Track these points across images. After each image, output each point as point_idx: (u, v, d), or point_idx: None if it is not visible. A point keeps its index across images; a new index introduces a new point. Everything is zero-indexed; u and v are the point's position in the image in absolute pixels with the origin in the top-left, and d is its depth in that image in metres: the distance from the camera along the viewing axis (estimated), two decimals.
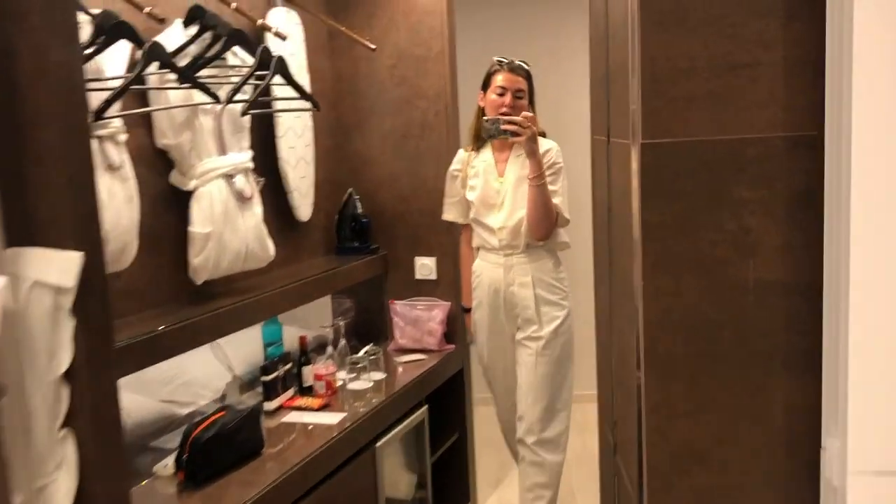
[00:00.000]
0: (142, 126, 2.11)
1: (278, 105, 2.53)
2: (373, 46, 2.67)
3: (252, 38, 2.27)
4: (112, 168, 1.83)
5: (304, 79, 2.71)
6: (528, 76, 2.69)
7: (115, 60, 1.88)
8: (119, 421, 1.23)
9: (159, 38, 2.09)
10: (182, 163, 2.17)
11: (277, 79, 2.30)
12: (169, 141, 2.12)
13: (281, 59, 2.19)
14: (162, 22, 1.78)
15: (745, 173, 1.35)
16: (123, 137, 1.89)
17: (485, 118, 2.57)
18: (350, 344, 2.90)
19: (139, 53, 1.85)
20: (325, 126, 2.97)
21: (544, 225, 2.61)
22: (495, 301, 2.75)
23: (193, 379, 2.55)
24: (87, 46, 1.74)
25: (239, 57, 2.31)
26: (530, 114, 2.53)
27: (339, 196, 3.01)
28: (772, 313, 1.38)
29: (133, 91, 2.04)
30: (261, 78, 2.24)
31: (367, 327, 3.10)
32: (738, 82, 1.34)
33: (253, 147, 2.37)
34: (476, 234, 2.80)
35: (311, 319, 3.03)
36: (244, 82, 2.08)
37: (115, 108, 1.81)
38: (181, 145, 2.14)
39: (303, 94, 2.30)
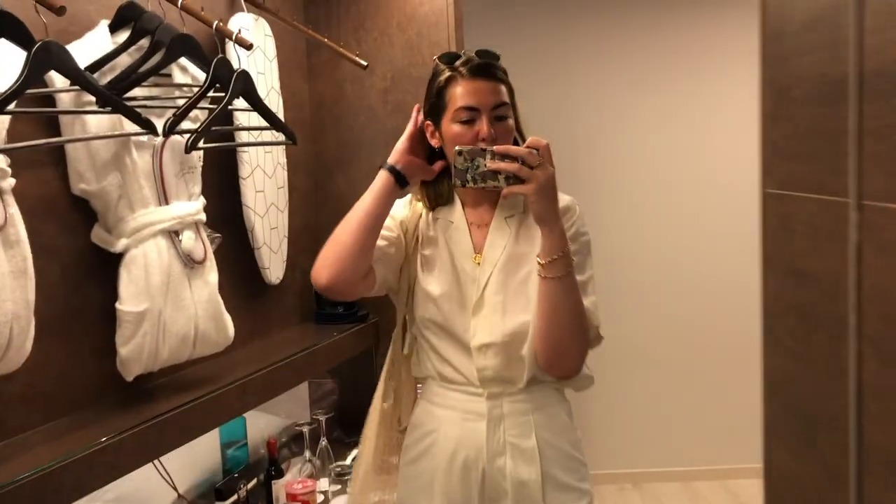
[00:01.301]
0: (50, 165, 1.52)
1: (242, 138, 1.95)
2: (364, 63, 2.11)
3: (205, 48, 1.69)
4: None
5: (275, 104, 2.14)
6: (505, 77, 1.51)
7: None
8: None
9: (76, 45, 1.52)
10: (107, 215, 1.58)
11: (240, 102, 1.73)
12: (89, 186, 1.54)
13: (244, 76, 1.61)
14: (61, 11, 1.21)
15: None
16: (9, 183, 1.30)
17: (457, 149, 1.38)
18: (333, 437, 2.30)
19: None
20: (301, 163, 2.39)
21: (574, 349, 1.48)
22: (464, 486, 1.54)
23: (125, 496, 1.93)
24: None
25: (189, 73, 1.74)
26: (543, 141, 1.37)
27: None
28: None
29: (35, 116, 1.46)
30: (217, 101, 1.67)
31: (356, 415, 2.47)
32: None
33: (208, 192, 1.78)
34: (426, 350, 1.60)
35: (284, 403, 2.42)
36: (191, 106, 1.49)
37: None
38: (106, 192, 1.55)
39: (274, 123, 1.72)
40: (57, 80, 1.45)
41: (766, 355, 1.49)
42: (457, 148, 1.38)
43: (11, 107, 1.29)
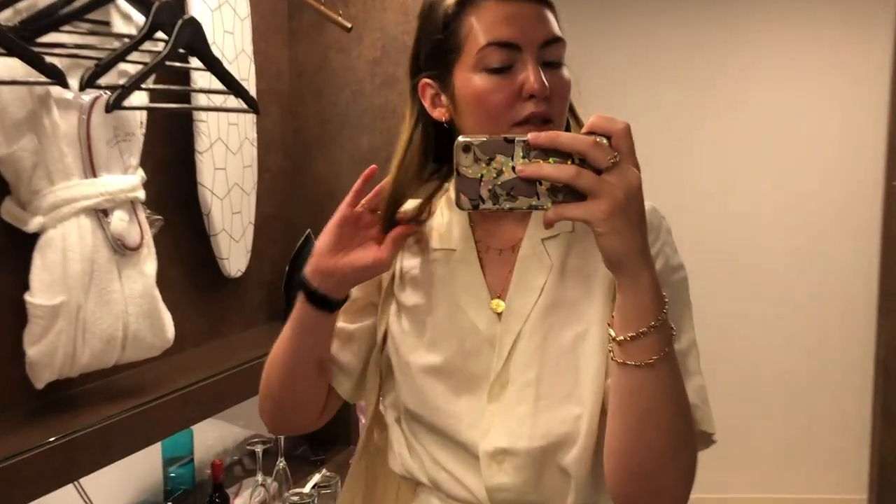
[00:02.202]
0: None
1: (200, 103, 1.66)
2: (348, 25, 1.81)
3: None
4: None
5: (246, 70, 1.85)
6: (554, 6, 0.97)
7: None
8: None
9: None
10: (20, 187, 1.30)
11: (195, 61, 1.44)
12: None
13: (193, 23, 1.32)
14: None
15: None
16: None
17: (460, 140, 0.78)
18: (296, 454, 2.02)
19: None
20: (276, 140, 2.10)
21: (672, 474, 0.86)
22: None
23: None
24: None
25: (134, 23, 1.44)
26: (619, 121, 0.77)
27: (291, 240, 2.12)
28: None
29: None
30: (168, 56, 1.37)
31: (325, 429, 2.18)
32: None
33: (156, 167, 1.50)
34: (412, 447, 1.07)
35: (241, 411, 2.12)
36: (119, 56, 1.20)
37: None
38: (17, 158, 1.27)
39: (232, 87, 1.43)
40: None
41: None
42: (461, 139, 0.77)
43: None
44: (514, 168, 0.76)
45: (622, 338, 0.81)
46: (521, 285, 0.98)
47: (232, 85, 1.41)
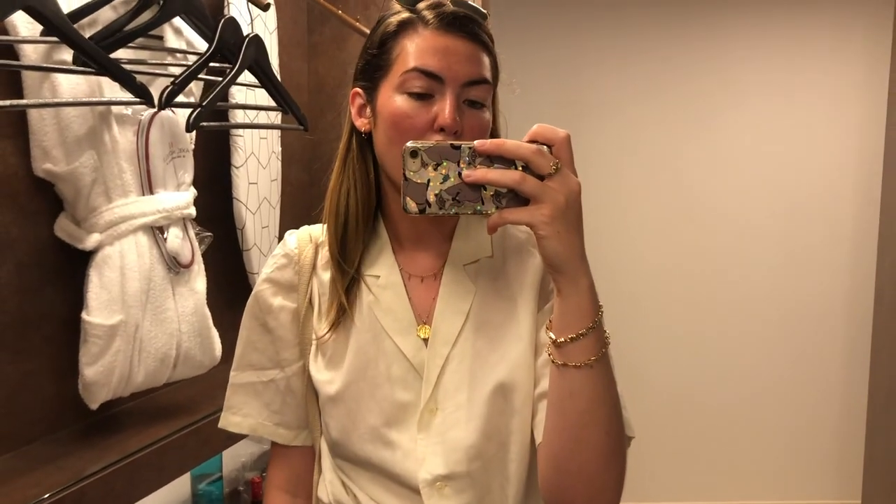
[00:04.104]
0: (7, 138, 1.21)
1: (236, 119, 1.65)
2: None
3: (206, 8, 1.39)
4: None
5: None
6: (492, 45, 0.99)
7: None
8: None
9: None
10: (77, 204, 1.27)
11: (245, 76, 1.43)
12: (56, 167, 1.23)
13: (258, 42, 1.31)
14: None
15: None
16: None
17: (409, 146, 0.80)
18: None
19: None
20: (296, 153, 2.09)
21: (611, 476, 0.87)
22: None
23: None
24: None
25: (184, 37, 1.43)
26: (560, 131, 0.80)
27: None
28: None
29: None
30: (216, 72, 1.37)
31: None
32: None
33: (197, 182, 1.48)
34: (345, 485, 1.06)
35: None
36: (194, 73, 1.19)
37: None
38: (77, 175, 1.24)
39: (286, 105, 1.43)
40: (21, 27, 1.14)
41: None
42: (408, 144, 0.79)
43: None
44: (460, 174, 0.79)
45: (562, 339, 0.83)
46: (447, 310, 1.00)
47: (286, 101, 1.40)
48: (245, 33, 1.30)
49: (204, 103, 1.20)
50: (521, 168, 0.78)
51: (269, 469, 1.18)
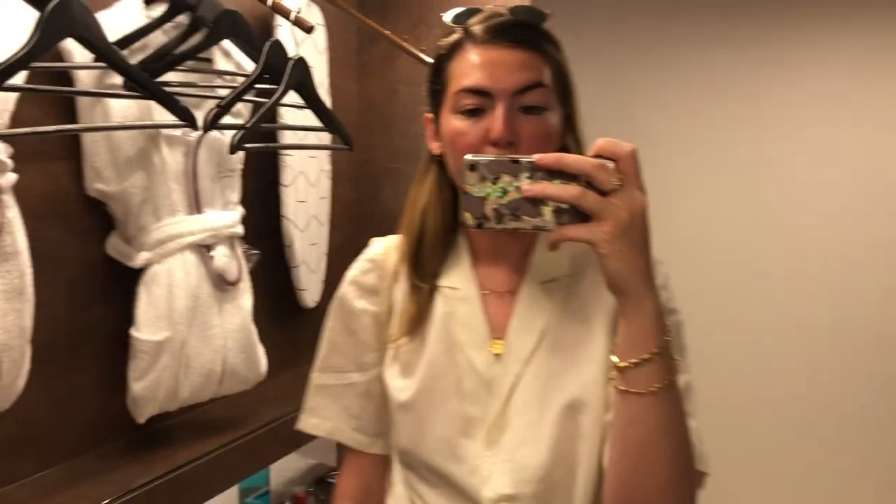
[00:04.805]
0: (62, 159, 1.26)
1: (285, 139, 1.68)
2: (430, 60, 1.83)
3: (254, 31, 1.42)
4: None
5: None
6: (550, 47, 0.96)
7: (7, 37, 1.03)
8: None
9: (102, 16, 1.25)
10: (128, 223, 1.31)
11: (288, 96, 1.46)
12: (107, 187, 1.27)
13: (302, 64, 1.33)
14: None
15: None
16: (8, 180, 1.03)
17: (467, 159, 0.79)
18: None
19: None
20: (345, 171, 2.12)
21: (672, 502, 0.83)
22: None
23: None
24: None
25: (233, 60, 1.47)
26: (625, 145, 0.77)
27: None
28: None
29: (48, 100, 1.19)
30: (264, 94, 1.39)
31: None
32: None
33: (246, 201, 1.51)
34: (399, 490, 1.08)
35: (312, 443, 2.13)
36: (239, 96, 1.22)
37: None
38: (127, 195, 1.28)
39: (331, 125, 1.45)
40: (76, 54, 1.18)
41: None
42: (467, 157, 0.78)
43: (17, 82, 1.03)
44: (518, 188, 0.77)
45: (625, 364, 0.80)
46: (521, 328, 0.99)
47: (331, 122, 1.42)
48: (290, 55, 1.32)
49: (247, 125, 1.23)
50: (584, 184, 0.76)
51: (339, 477, 1.16)
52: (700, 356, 1.07)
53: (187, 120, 1.09)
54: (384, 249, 1.11)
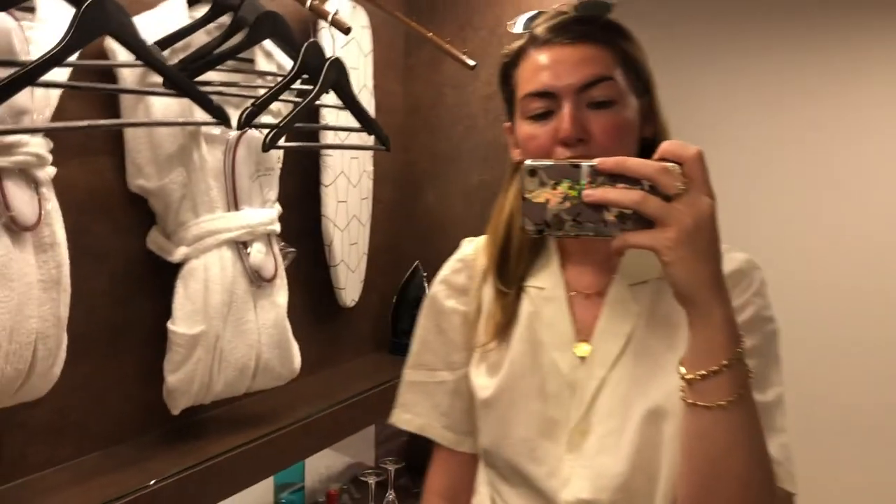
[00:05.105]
0: (105, 155, 1.29)
1: (328, 139, 1.70)
2: (472, 63, 1.83)
3: (295, 32, 1.44)
4: (17, 226, 1.00)
5: (367, 104, 1.89)
6: (615, 37, 0.94)
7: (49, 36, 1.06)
8: None
9: (147, 16, 1.29)
10: (167, 218, 1.34)
11: (329, 98, 1.47)
12: (148, 183, 1.30)
13: (338, 64, 1.35)
14: None
15: None
16: (48, 173, 1.06)
17: (527, 165, 0.77)
18: (398, 485, 2.03)
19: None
20: (388, 172, 2.13)
21: None
22: None
23: None
24: None
25: (275, 60, 1.49)
26: (691, 147, 0.75)
27: (400, 271, 2.15)
28: None
29: (92, 98, 1.23)
30: (304, 94, 1.41)
31: (425, 459, 2.18)
32: None
33: (283, 199, 1.53)
34: (483, 489, 1.08)
35: (347, 440, 2.14)
36: (274, 95, 1.24)
37: (26, 119, 0.99)
38: (167, 191, 1.32)
39: (367, 124, 1.46)
40: (120, 53, 1.22)
41: None
42: (528, 163, 0.76)
43: (60, 79, 1.07)
44: (580, 193, 0.75)
45: (692, 376, 0.77)
46: (608, 331, 0.97)
47: (368, 122, 1.43)
48: (328, 56, 1.33)
49: (281, 124, 1.25)
50: (647, 188, 0.73)
51: (429, 474, 1.18)
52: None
53: (220, 118, 1.12)
54: (474, 250, 1.11)
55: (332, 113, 1.68)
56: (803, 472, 0.95)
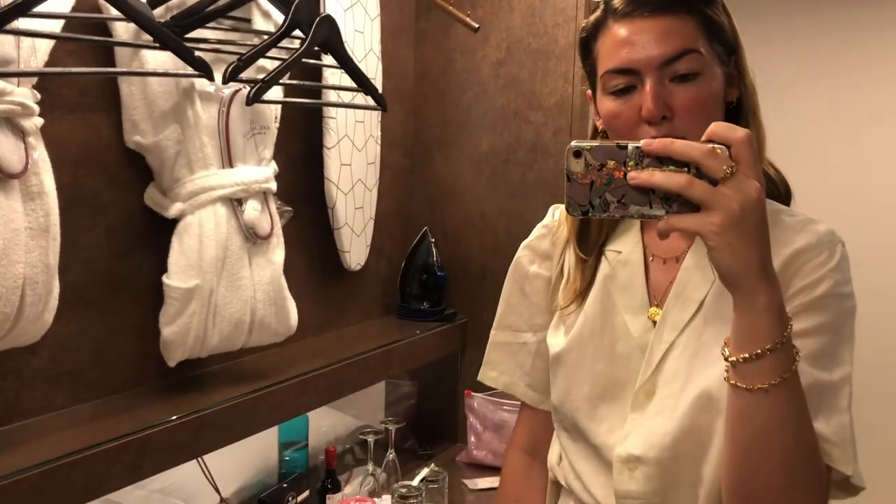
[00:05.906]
0: (102, 111, 1.32)
1: (329, 97, 1.71)
2: (475, 25, 1.82)
3: None
4: (2, 173, 1.03)
5: (374, 69, 1.90)
6: (697, 4, 0.90)
7: None
8: None
9: None
10: (163, 175, 1.37)
11: (327, 58, 1.48)
12: (143, 139, 1.33)
13: (329, 21, 1.36)
14: None
15: None
16: (34, 123, 1.09)
17: (572, 146, 0.75)
18: (405, 447, 2.05)
19: None
20: (398, 138, 2.14)
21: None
22: None
23: (170, 488, 1.73)
24: None
25: (273, 20, 1.50)
26: (738, 129, 0.73)
27: (409, 237, 2.17)
28: None
29: (86, 51, 1.26)
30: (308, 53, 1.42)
31: (433, 424, 2.22)
32: None
33: (288, 161, 1.55)
34: (559, 453, 1.10)
35: (355, 401, 2.17)
36: (260, 52, 1.25)
37: (11, 69, 1.02)
38: (162, 147, 1.34)
39: (362, 84, 1.47)
40: (114, 9, 1.24)
41: None
42: (573, 144, 0.75)
43: (48, 30, 1.09)
44: (625, 175, 0.74)
45: (735, 359, 0.77)
46: (681, 296, 0.97)
47: (363, 82, 1.44)
48: (319, 13, 1.34)
49: (265, 79, 1.26)
50: (694, 171, 0.72)
51: (514, 429, 1.24)
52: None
53: (201, 69, 1.14)
54: (559, 215, 1.13)
55: (336, 75, 1.69)
56: None
